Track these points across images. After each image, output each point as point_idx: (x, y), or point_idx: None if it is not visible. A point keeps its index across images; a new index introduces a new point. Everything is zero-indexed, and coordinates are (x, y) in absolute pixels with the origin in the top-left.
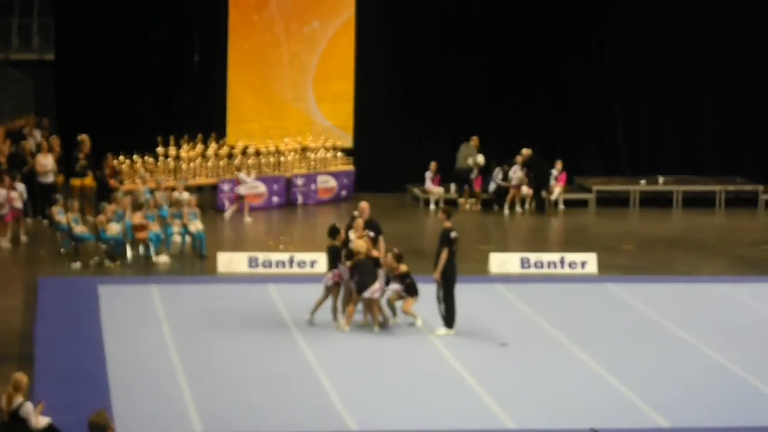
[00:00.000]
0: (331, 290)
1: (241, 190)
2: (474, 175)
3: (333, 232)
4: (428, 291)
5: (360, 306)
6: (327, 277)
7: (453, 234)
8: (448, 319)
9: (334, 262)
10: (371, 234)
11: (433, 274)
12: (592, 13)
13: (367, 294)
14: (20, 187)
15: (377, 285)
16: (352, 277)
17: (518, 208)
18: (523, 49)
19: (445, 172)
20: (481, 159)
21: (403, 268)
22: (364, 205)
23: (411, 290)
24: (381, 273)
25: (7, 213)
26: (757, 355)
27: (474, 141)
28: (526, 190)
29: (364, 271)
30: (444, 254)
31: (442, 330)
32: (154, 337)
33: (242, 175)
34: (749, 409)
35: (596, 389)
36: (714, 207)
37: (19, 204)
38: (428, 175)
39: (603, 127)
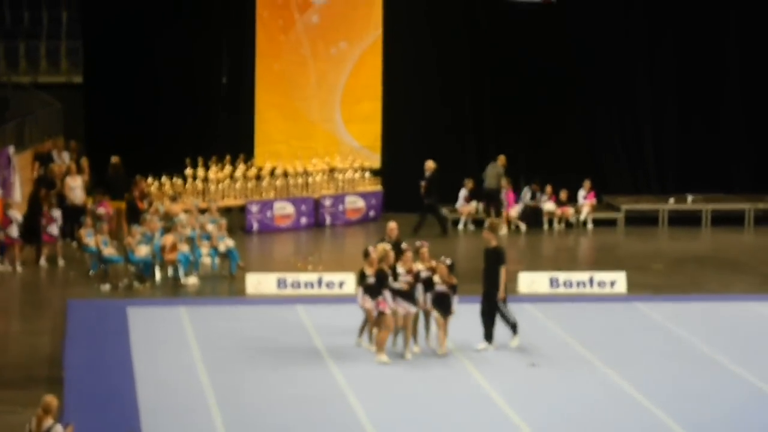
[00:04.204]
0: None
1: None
2: (503, 195)
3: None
4: (466, 309)
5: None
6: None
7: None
8: (513, 327)
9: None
10: (448, 261)
11: (483, 292)
12: (620, 30)
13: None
14: (57, 213)
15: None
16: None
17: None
18: (550, 68)
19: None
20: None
21: (454, 279)
22: (392, 225)
23: (447, 306)
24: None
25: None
26: None
27: (501, 160)
28: (552, 207)
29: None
30: (503, 273)
31: (515, 340)
32: (184, 359)
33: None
34: None
35: (626, 409)
36: (743, 225)
37: (55, 231)
38: (462, 193)
39: (631, 146)
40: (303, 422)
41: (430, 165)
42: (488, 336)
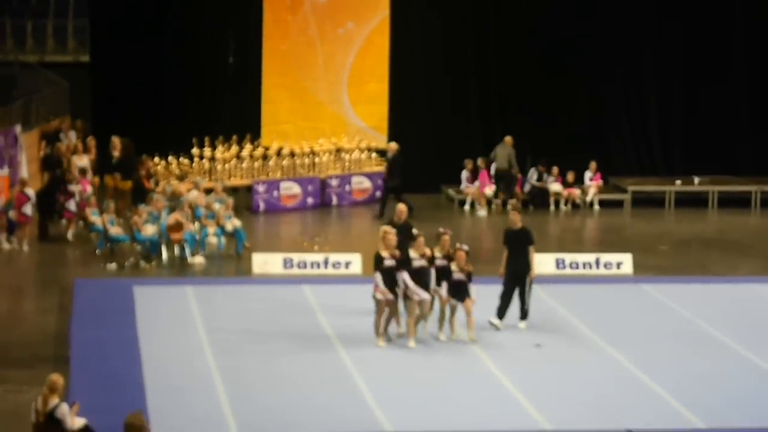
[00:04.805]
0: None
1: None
2: (514, 176)
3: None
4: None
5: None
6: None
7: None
8: (527, 313)
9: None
10: (465, 248)
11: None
12: (626, 13)
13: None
14: (75, 188)
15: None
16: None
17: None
18: (557, 48)
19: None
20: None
21: (470, 266)
22: (402, 207)
23: (464, 294)
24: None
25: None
26: None
27: (509, 140)
28: (559, 188)
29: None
30: (533, 252)
31: (524, 323)
32: (190, 338)
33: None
34: None
35: (632, 390)
36: (750, 207)
37: (72, 206)
38: (464, 174)
39: (638, 128)
40: (308, 402)
41: (392, 146)
42: (502, 314)
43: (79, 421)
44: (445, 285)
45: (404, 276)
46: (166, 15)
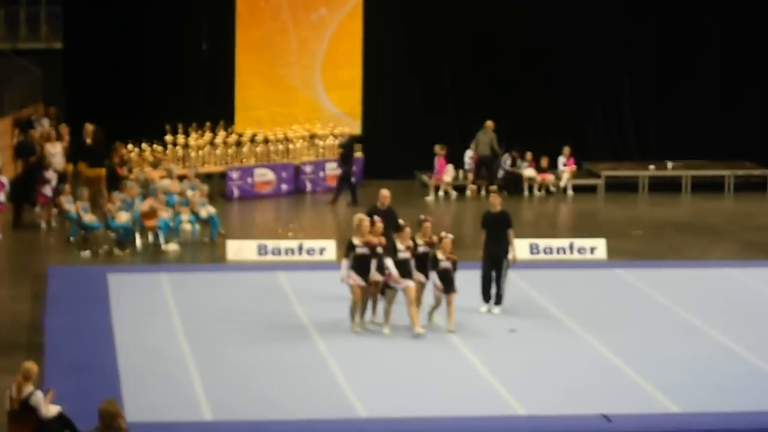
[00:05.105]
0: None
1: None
2: (496, 161)
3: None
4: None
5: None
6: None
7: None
8: (501, 298)
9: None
10: (451, 236)
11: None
12: None
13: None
14: (50, 175)
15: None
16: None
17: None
18: (530, 34)
19: (452, 158)
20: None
21: (455, 255)
22: (385, 193)
23: (451, 282)
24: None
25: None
26: (767, 339)
27: (490, 126)
28: (532, 173)
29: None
30: (513, 235)
31: (497, 309)
32: (164, 326)
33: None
34: (759, 393)
35: (606, 375)
36: (723, 191)
37: (48, 192)
38: (436, 160)
39: (611, 112)
40: (284, 389)
41: (344, 132)
42: (488, 297)
43: (53, 409)
44: (434, 274)
45: (388, 263)
46: (139, 2)
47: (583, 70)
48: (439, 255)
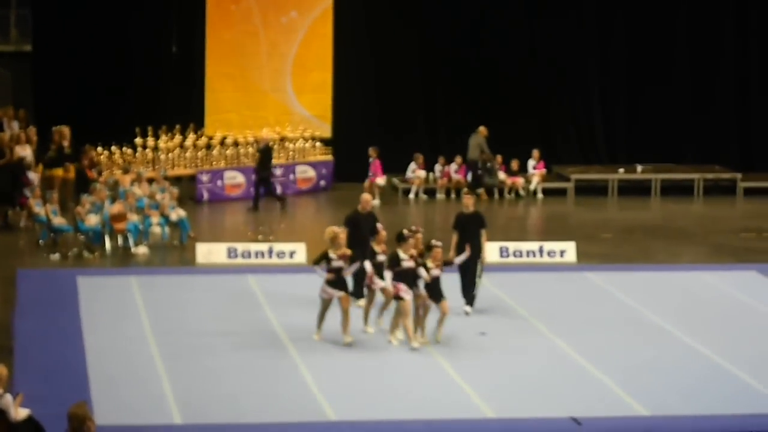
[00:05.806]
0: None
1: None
2: (482, 166)
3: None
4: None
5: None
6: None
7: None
8: (474, 298)
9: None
10: (440, 244)
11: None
12: (570, 1)
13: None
14: (32, 176)
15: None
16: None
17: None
18: (500, 37)
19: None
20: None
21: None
22: (367, 197)
23: (439, 291)
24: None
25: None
26: (736, 342)
27: (482, 131)
28: (502, 177)
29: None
30: (485, 236)
31: (469, 308)
32: (134, 329)
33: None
34: (728, 396)
35: (575, 378)
36: (692, 195)
37: (28, 193)
38: (412, 166)
39: (581, 116)
40: (253, 392)
41: (264, 135)
42: (471, 299)
43: (23, 412)
44: (421, 284)
45: (366, 265)
46: (109, 4)
47: (553, 74)
48: (429, 263)
